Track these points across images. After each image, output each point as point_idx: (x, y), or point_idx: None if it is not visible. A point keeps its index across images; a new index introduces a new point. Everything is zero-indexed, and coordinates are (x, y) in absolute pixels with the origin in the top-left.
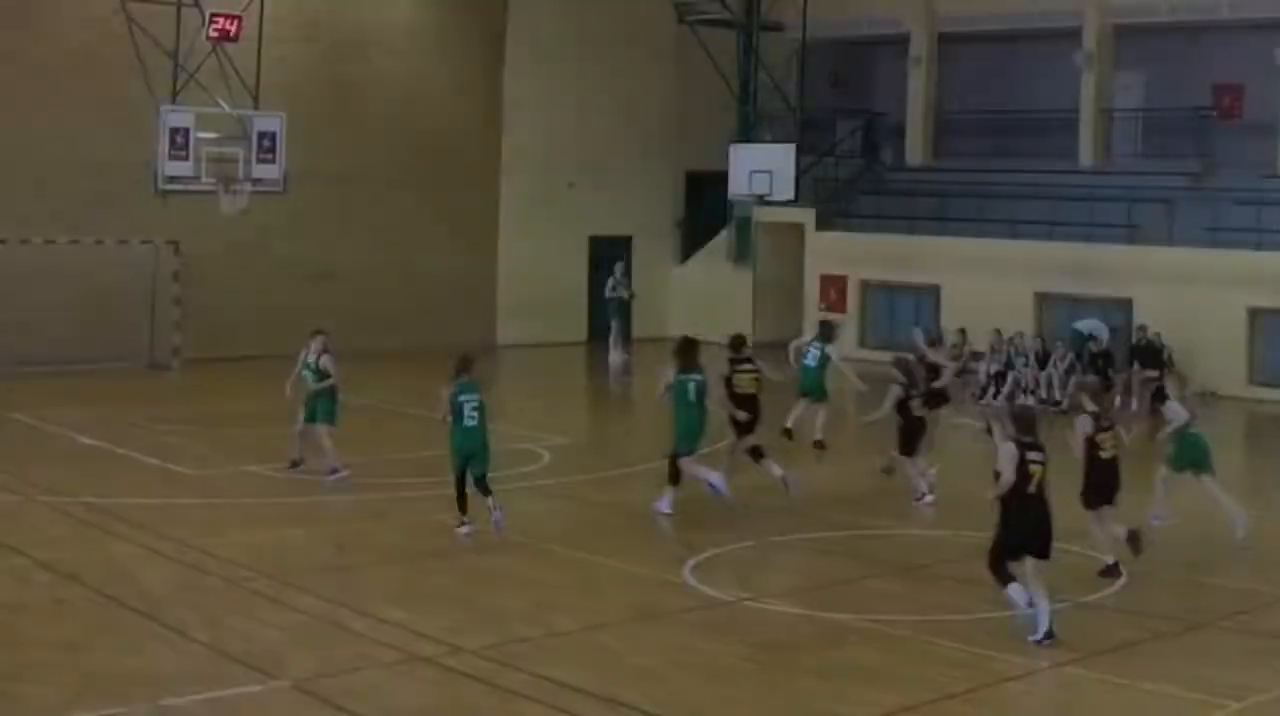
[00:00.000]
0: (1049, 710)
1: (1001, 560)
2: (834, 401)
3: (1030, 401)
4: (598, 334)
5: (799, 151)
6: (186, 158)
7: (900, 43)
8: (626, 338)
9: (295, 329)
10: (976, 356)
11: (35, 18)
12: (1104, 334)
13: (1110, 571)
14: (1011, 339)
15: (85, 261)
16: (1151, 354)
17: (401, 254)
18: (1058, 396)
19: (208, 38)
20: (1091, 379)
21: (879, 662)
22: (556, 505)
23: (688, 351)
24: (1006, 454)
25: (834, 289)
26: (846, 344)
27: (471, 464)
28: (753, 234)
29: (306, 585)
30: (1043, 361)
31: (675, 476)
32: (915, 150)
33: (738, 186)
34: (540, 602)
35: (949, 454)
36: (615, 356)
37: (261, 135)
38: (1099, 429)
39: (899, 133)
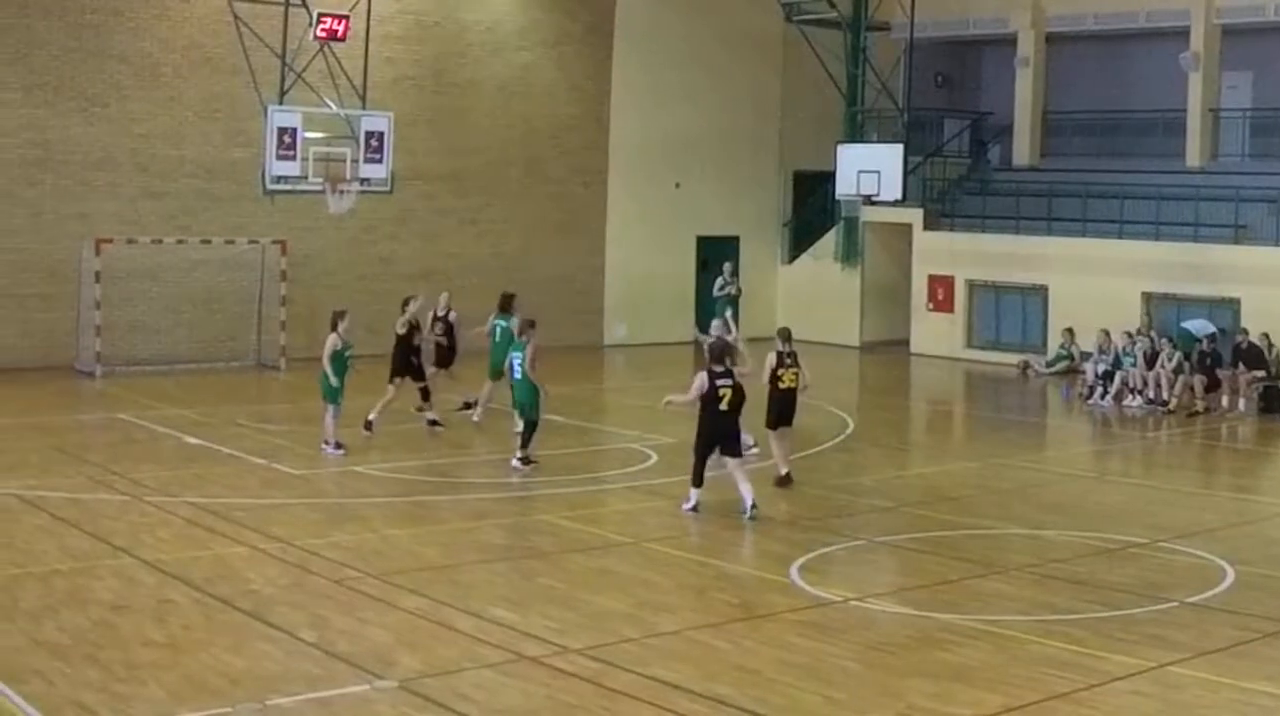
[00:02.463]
0: (1155, 710)
1: (702, 460)
2: (949, 400)
3: (1138, 402)
4: (705, 333)
5: (906, 151)
6: (294, 158)
7: (1008, 43)
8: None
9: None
10: (1084, 356)
11: (145, 19)
12: (1211, 332)
13: None
14: (1131, 333)
15: (192, 261)
16: (1255, 355)
17: (508, 254)
18: (1165, 396)
19: (315, 38)
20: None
21: (984, 663)
22: (662, 505)
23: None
24: (698, 380)
25: (941, 289)
26: (954, 344)
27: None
28: (860, 234)
29: (412, 584)
30: (1150, 361)
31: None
32: (1022, 150)
33: (845, 186)
34: (645, 603)
35: (1065, 457)
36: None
37: (369, 135)
38: None
39: (1006, 133)
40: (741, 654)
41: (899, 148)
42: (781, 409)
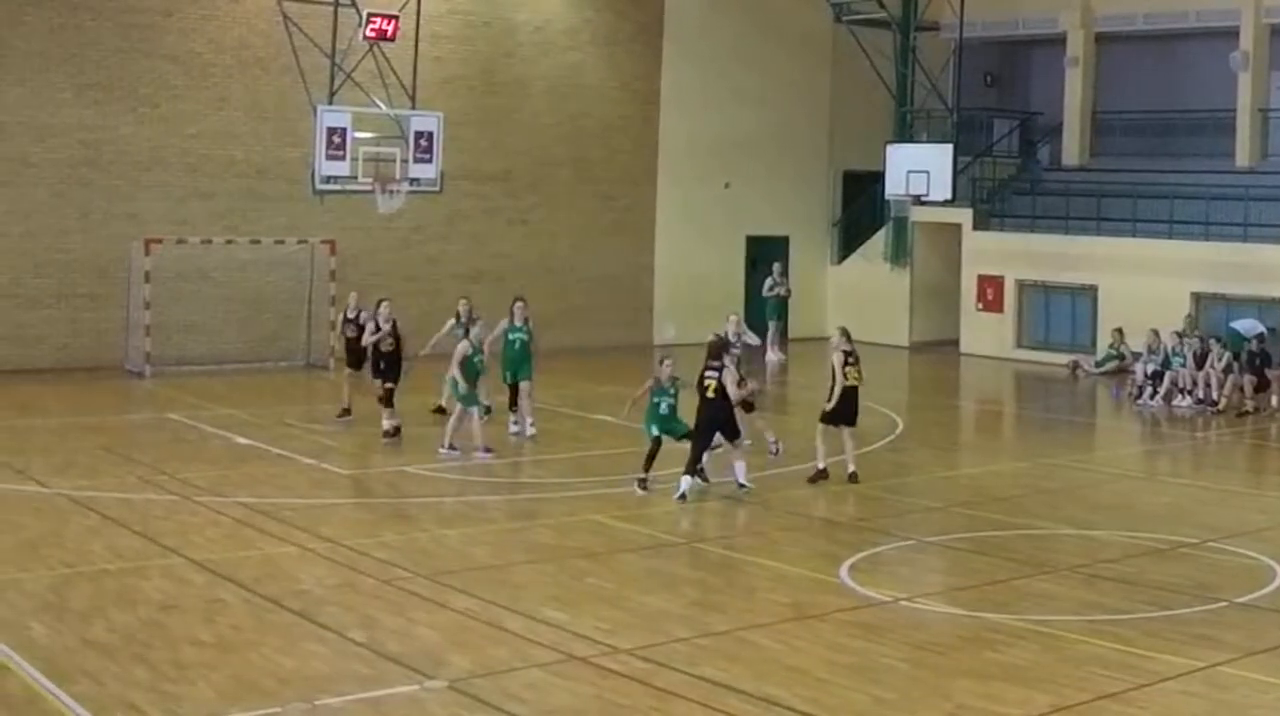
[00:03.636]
0: (1204, 710)
1: (699, 450)
2: (999, 400)
3: (1187, 401)
4: (755, 333)
5: (955, 151)
6: (343, 158)
7: (1057, 42)
8: (784, 337)
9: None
10: (1134, 356)
11: (194, 19)
12: (1260, 332)
13: None
14: (1180, 332)
15: (241, 261)
16: None
17: (557, 254)
18: (1214, 396)
19: (364, 38)
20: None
21: (1033, 662)
22: (711, 505)
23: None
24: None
25: (990, 289)
26: (1003, 344)
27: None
28: (909, 234)
29: (462, 585)
30: (1200, 361)
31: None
32: (1071, 150)
33: (894, 186)
34: (696, 602)
35: (1115, 457)
36: (773, 355)
37: (418, 135)
38: None
39: (1055, 132)
40: (792, 653)
41: (948, 148)
42: (846, 406)
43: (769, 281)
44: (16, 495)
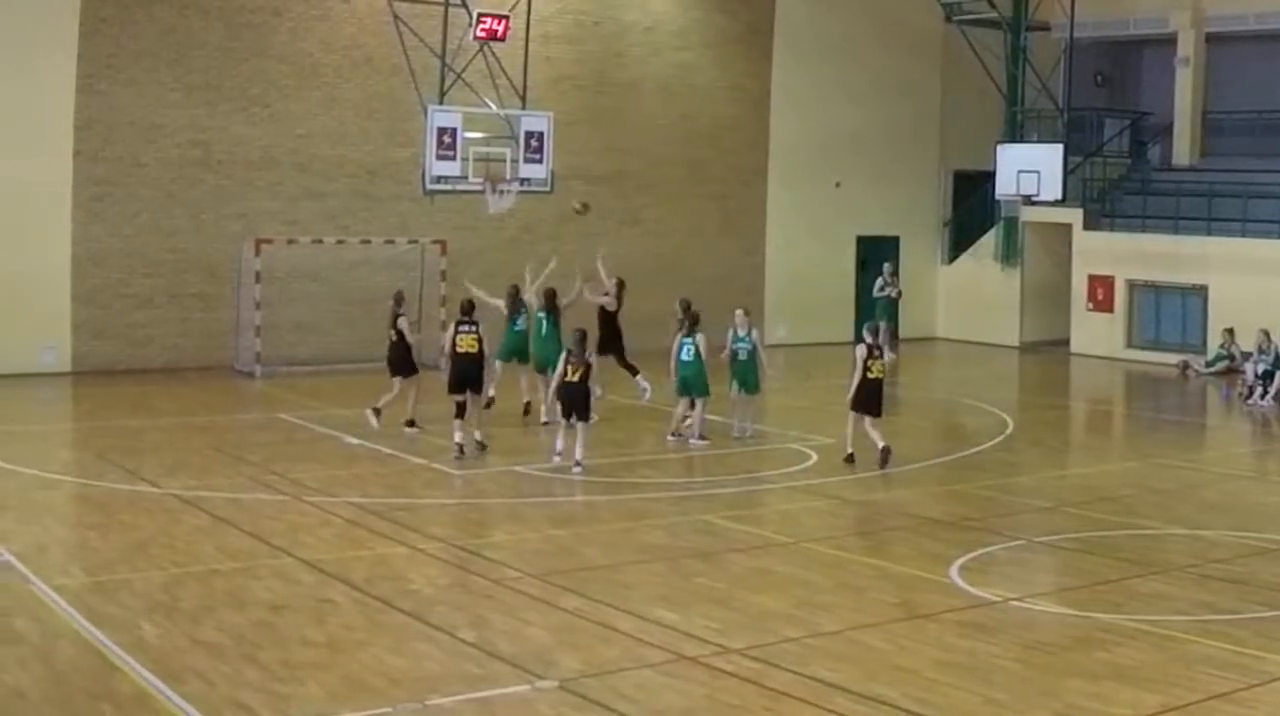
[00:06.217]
0: None
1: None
2: (1109, 400)
3: None
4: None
5: (1066, 151)
6: (453, 158)
7: (1168, 42)
8: (895, 338)
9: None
10: (1244, 356)
11: (304, 19)
12: None
13: None
14: None
15: (352, 262)
16: None
17: (668, 253)
18: None
19: (475, 37)
20: None
21: (1144, 662)
22: (821, 505)
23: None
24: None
25: (1101, 289)
26: (1114, 344)
27: None
28: (1020, 234)
29: (572, 585)
30: None
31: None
32: (1182, 150)
33: (1005, 186)
34: (805, 602)
35: (1225, 457)
36: (885, 355)
37: (529, 135)
38: None
39: (1166, 132)
40: (901, 653)
41: (1059, 148)
42: (870, 397)
43: (879, 282)
44: (128, 495)
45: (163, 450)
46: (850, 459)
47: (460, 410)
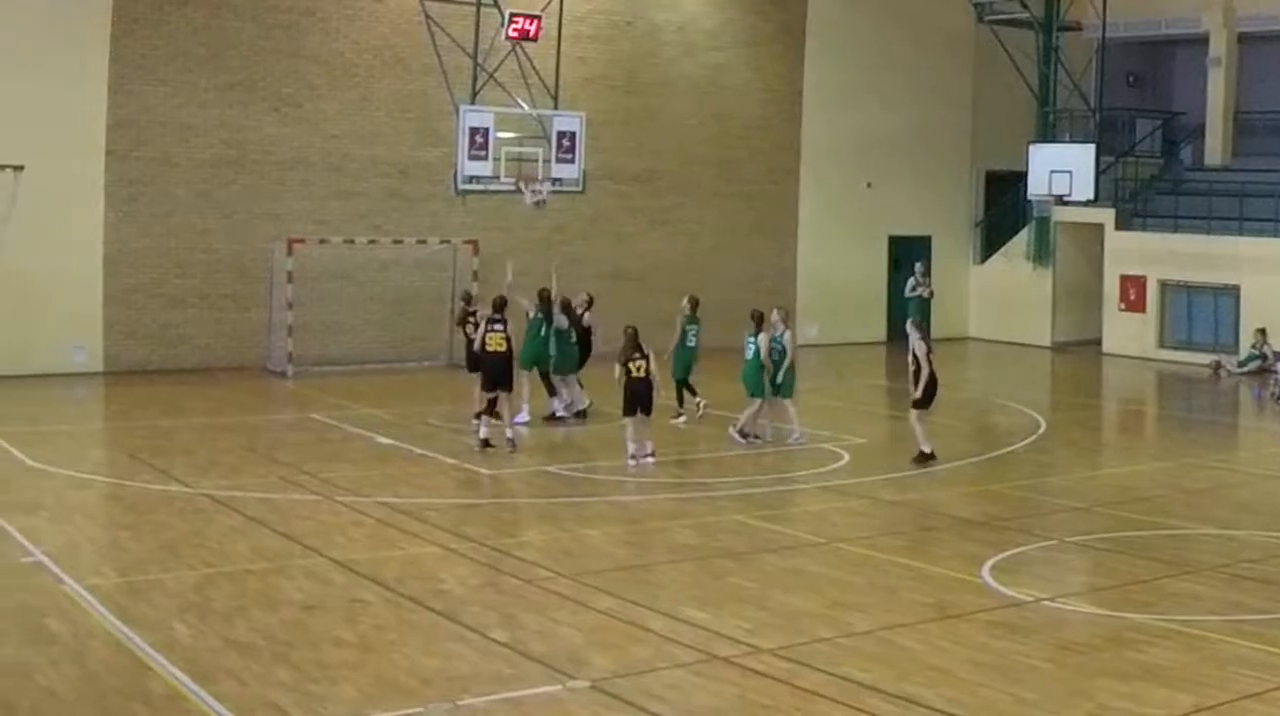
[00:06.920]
0: None
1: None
2: (1141, 400)
3: None
4: (897, 333)
5: (1098, 151)
6: (486, 158)
7: (1199, 42)
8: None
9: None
10: (1276, 356)
11: (337, 19)
12: None
13: None
14: None
15: (384, 261)
16: None
17: (699, 253)
18: None
19: (507, 37)
20: None
21: (1175, 662)
22: (854, 505)
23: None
24: None
25: (1133, 289)
26: (1145, 344)
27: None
28: (1052, 234)
29: (604, 585)
30: None
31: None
32: (1214, 150)
33: (1037, 186)
34: (837, 602)
35: (1257, 457)
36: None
37: (561, 135)
38: None
39: (1198, 132)
40: (934, 653)
41: (1091, 148)
42: (930, 393)
43: (911, 281)
44: (160, 495)
45: (194, 450)
46: (931, 456)
47: (491, 406)
